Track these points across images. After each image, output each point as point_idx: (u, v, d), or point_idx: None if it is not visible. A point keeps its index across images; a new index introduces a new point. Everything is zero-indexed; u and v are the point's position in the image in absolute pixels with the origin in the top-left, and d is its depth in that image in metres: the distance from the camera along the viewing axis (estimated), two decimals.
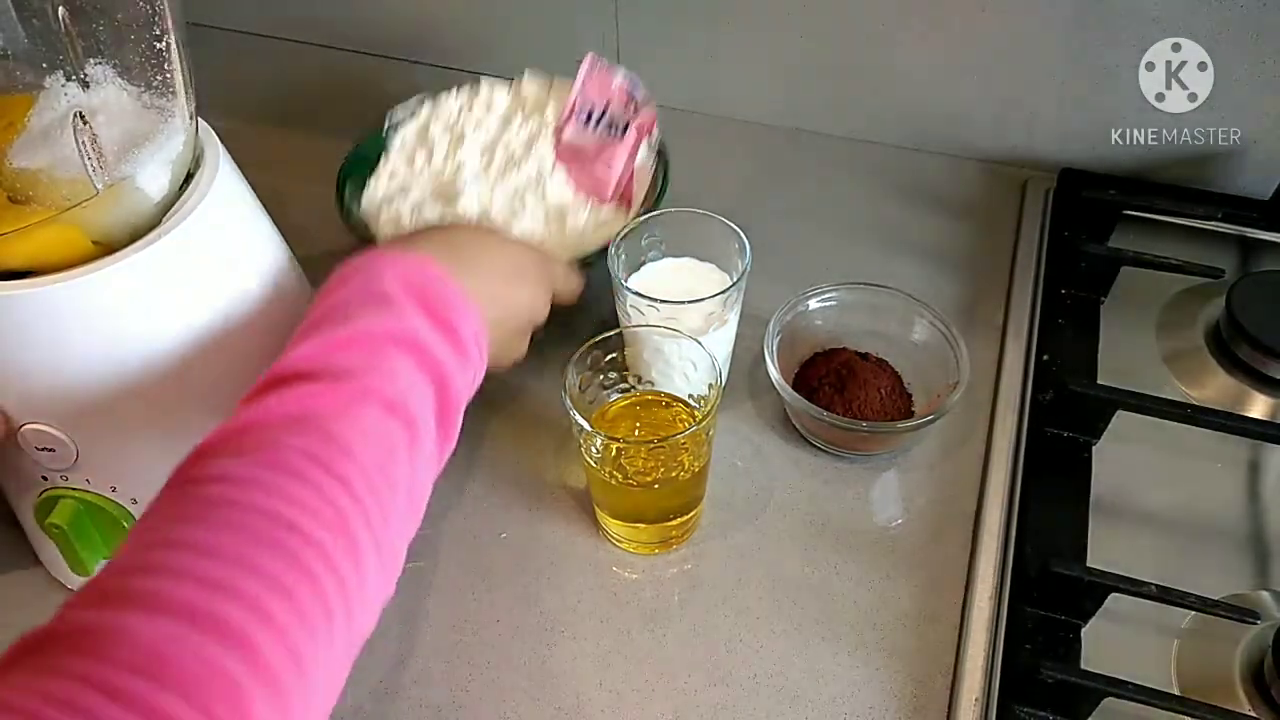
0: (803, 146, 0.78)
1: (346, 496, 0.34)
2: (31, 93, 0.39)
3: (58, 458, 0.44)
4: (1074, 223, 0.67)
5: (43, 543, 0.50)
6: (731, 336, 0.58)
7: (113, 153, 0.40)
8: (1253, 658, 0.47)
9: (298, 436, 0.34)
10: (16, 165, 0.39)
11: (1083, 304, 0.63)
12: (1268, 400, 0.58)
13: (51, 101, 0.39)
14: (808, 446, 0.57)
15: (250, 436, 0.34)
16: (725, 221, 0.55)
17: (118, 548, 0.32)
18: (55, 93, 0.39)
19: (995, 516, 0.53)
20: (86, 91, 0.40)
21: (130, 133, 0.41)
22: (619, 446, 0.50)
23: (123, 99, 0.41)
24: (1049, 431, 0.56)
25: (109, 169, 0.40)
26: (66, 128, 0.39)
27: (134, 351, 0.42)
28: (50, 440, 0.43)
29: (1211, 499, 0.54)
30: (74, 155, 0.39)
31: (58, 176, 0.40)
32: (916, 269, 0.67)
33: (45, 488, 0.46)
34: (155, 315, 0.42)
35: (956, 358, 0.55)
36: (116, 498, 0.46)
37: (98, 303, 0.41)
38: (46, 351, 0.41)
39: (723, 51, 0.77)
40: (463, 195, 0.60)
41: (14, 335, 0.40)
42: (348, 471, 0.34)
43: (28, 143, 0.39)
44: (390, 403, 0.37)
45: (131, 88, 0.41)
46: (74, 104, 0.39)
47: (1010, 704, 0.45)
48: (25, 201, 0.39)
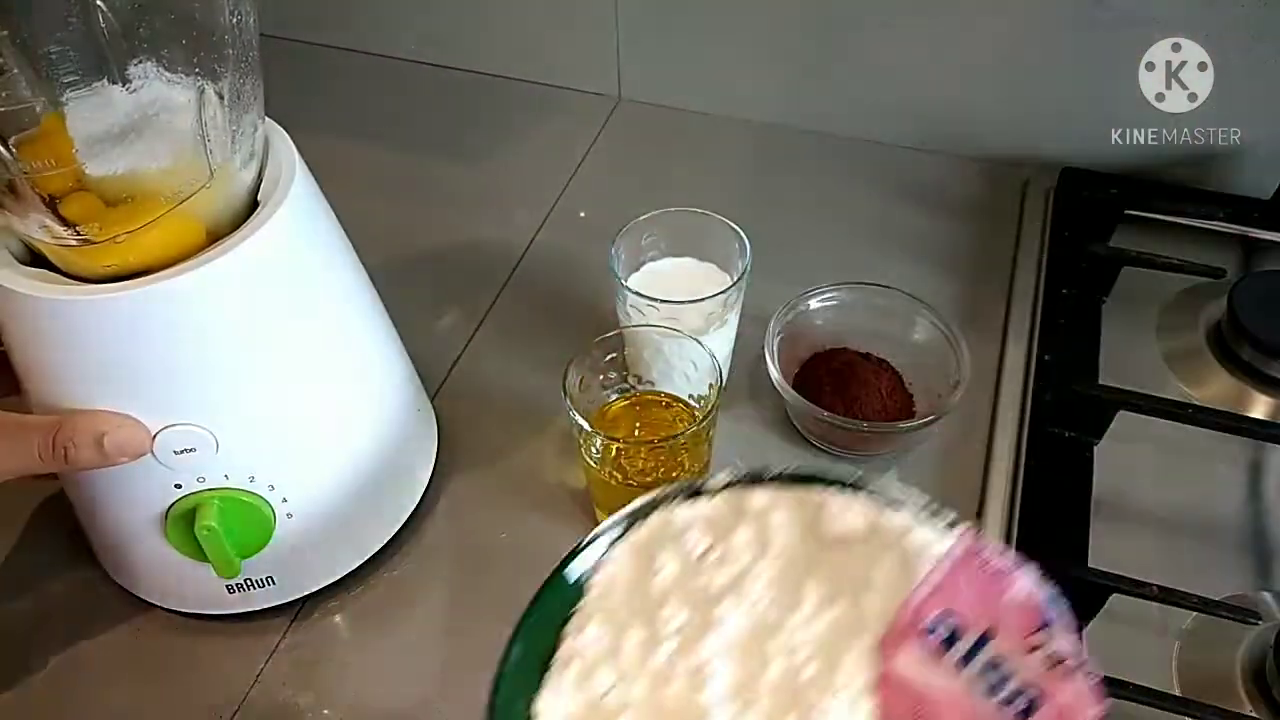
0: (803, 146, 0.77)
1: None
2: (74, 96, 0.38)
3: (197, 457, 0.43)
4: (1075, 222, 0.67)
5: (147, 561, 0.48)
6: (731, 336, 0.58)
7: (216, 140, 0.40)
8: (1254, 658, 0.47)
9: None
10: (100, 172, 0.38)
11: (1084, 304, 0.63)
12: (1269, 400, 0.58)
13: (121, 101, 0.38)
14: (808, 446, 0.57)
15: None
16: (725, 221, 0.55)
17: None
18: (119, 92, 0.38)
19: (996, 517, 0.53)
20: (169, 85, 0.39)
21: (219, 120, 0.41)
22: (619, 446, 0.50)
23: (208, 90, 0.40)
24: (1050, 431, 0.56)
25: (218, 155, 0.40)
26: (152, 124, 0.38)
27: (259, 334, 0.43)
28: (192, 439, 0.43)
29: (1213, 499, 0.54)
30: (169, 149, 0.39)
31: (164, 170, 0.39)
32: (916, 269, 0.66)
33: (177, 497, 0.45)
34: (272, 296, 0.43)
35: (957, 358, 0.55)
36: (254, 487, 0.46)
37: (226, 288, 0.41)
38: (188, 346, 0.41)
39: (723, 51, 0.77)
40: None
41: (158, 334, 0.40)
42: None
43: (106, 147, 0.38)
44: None
45: (217, 78, 0.41)
46: (157, 98, 0.38)
47: None
48: (125, 201, 0.39)
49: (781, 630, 0.37)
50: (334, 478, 0.48)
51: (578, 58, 0.81)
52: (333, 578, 0.51)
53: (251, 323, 0.42)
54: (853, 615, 0.37)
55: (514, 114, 0.82)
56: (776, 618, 0.37)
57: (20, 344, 0.42)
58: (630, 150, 0.79)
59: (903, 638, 0.37)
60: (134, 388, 0.41)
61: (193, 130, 0.39)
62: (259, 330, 0.43)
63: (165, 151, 0.39)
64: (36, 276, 0.40)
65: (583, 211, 0.73)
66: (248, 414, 0.44)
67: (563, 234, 0.72)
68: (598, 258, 0.55)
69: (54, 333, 0.40)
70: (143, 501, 0.45)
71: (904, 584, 0.38)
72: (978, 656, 0.36)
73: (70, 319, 0.39)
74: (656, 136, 0.79)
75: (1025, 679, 0.35)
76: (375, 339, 0.51)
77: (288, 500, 0.46)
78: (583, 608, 0.38)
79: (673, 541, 0.39)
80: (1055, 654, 0.35)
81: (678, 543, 0.39)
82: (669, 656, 0.37)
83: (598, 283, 0.55)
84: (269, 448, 0.45)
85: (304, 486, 0.47)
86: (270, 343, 0.43)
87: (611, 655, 0.37)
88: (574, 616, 0.38)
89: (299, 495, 0.47)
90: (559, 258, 0.70)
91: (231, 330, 0.42)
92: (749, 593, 0.38)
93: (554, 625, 0.38)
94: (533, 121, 0.81)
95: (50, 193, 0.38)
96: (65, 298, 0.39)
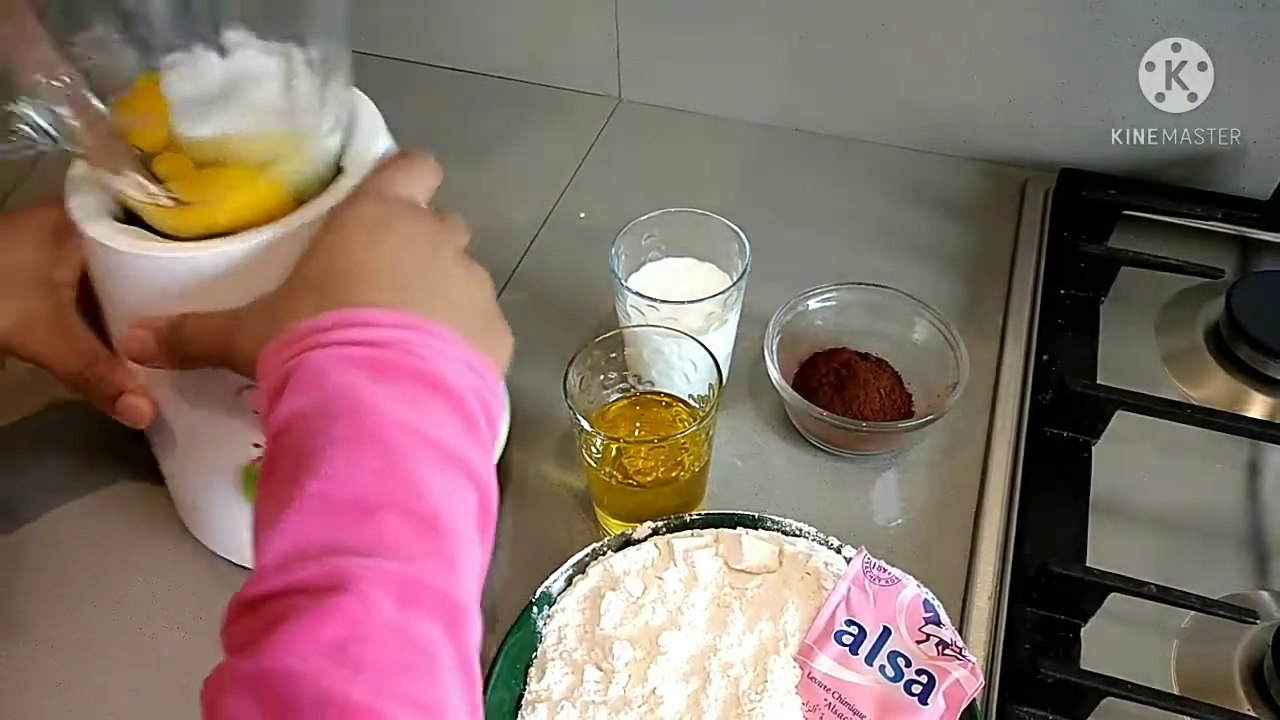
0: (802, 146, 0.77)
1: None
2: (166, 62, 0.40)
3: None
4: (1074, 223, 0.67)
5: (222, 512, 0.50)
6: (731, 336, 0.58)
7: (303, 107, 0.41)
8: (1252, 658, 0.47)
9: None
10: (194, 134, 0.39)
11: (1082, 304, 0.63)
12: (1267, 400, 0.58)
13: (215, 66, 0.39)
14: (808, 446, 0.58)
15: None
16: (725, 221, 0.55)
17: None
18: (213, 57, 0.39)
19: (995, 516, 0.53)
20: (261, 52, 0.40)
21: (307, 87, 0.41)
22: (619, 446, 0.50)
23: (296, 57, 0.41)
24: (1049, 431, 0.56)
25: (305, 122, 0.41)
26: (243, 90, 0.39)
27: None
28: None
29: (1211, 499, 0.54)
30: (257, 114, 0.40)
31: (253, 134, 0.40)
32: (916, 269, 0.67)
33: (255, 455, 0.46)
34: None
35: (956, 358, 0.55)
36: None
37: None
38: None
39: (722, 51, 0.77)
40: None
41: (241, 293, 0.40)
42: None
43: (197, 110, 0.39)
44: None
45: (305, 46, 0.41)
46: (249, 65, 0.40)
47: (1010, 704, 0.45)
48: (214, 164, 0.40)
49: (718, 651, 0.43)
50: None
51: (578, 58, 0.81)
52: None
53: None
54: (775, 631, 0.43)
55: (514, 114, 0.82)
56: (712, 641, 0.43)
57: (109, 295, 0.43)
58: (630, 150, 0.79)
59: (818, 644, 0.44)
60: None
61: (281, 97, 0.40)
62: None
63: (254, 117, 0.40)
64: (129, 233, 0.41)
65: (583, 211, 0.73)
66: None
67: (563, 234, 0.72)
68: (598, 258, 0.55)
69: (142, 286, 0.41)
70: (222, 457, 0.46)
71: (813, 600, 0.45)
72: (881, 651, 0.43)
73: (157, 274, 0.40)
74: (656, 136, 0.80)
75: (920, 665, 0.42)
76: None
77: None
78: (541, 654, 0.44)
79: (613, 588, 0.46)
80: (941, 642, 0.43)
81: (618, 588, 0.46)
82: (624, 688, 0.43)
83: (598, 283, 0.56)
84: None
85: None
86: None
87: (573, 692, 0.43)
88: (534, 662, 0.44)
89: None
90: (559, 258, 0.70)
91: None
92: (686, 623, 0.44)
93: (522, 669, 0.44)
94: (533, 121, 0.81)
95: (144, 151, 0.40)
96: (153, 254, 0.40)
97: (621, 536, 0.48)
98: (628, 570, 0.47)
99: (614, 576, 0.46)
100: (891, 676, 0.42)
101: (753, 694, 0.42)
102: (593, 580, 0.47)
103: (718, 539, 0.48)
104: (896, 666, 0.43)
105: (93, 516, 0.55)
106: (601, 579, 0.47)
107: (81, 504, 0.56)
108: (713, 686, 0.42)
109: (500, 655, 0.44)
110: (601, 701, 0.42)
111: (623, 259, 0.55)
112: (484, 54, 0.84)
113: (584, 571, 0.47)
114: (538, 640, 0.45)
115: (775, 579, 0.46)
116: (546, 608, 0.46)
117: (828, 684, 0.42)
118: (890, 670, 0.43)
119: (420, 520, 0.31)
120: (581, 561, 0.47)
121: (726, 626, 0.44)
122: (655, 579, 0.46)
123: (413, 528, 0.31)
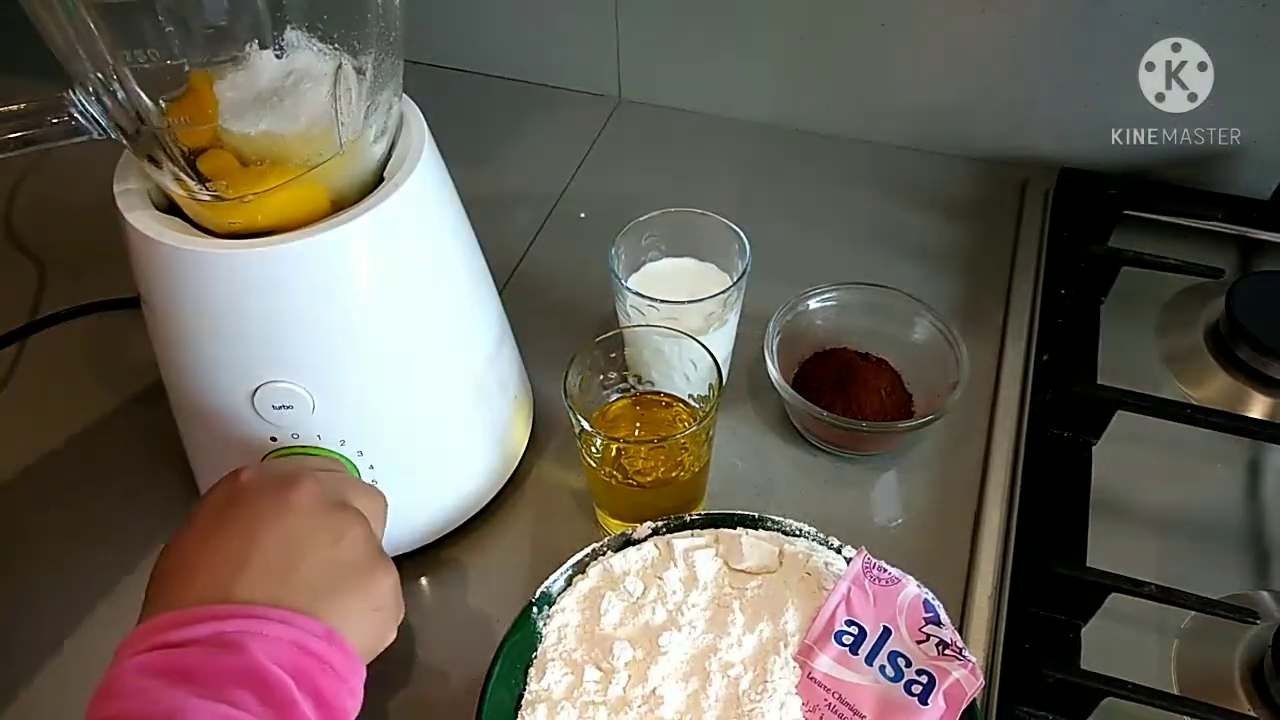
0: (802, 146, 0.78)
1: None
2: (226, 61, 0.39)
3: (293, 415, 0.45)
4: (1074, 223, 0.67)
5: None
6: (731, 336, 0.58)
7: (349, 113, 0.41)
8: (1252, 658, 0.47)
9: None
10: (238, 132, 0.39)
11: (1082, 304, 0.63)
12: (1267, 400, 0.58)
13: (266, 66, 0.39)
14: (808, 446, 0.58)
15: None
16: (725, 221, 0.55)
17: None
18: (265, 58, 0.39)
19: (995, 516, 0.53)
20: (313, 56, 0.40)
21: (355, 94, 0.42)
22: (619, 446, 0.50)
23: (345, 64, 0.41)
24: (1049, 431, 0.56)
25: (350, 129, 0.41)
26: (292, 92, 0.39)
27: (368, 303, 0.43)
28: (291, 397, 0.44)
29: (1211, 499, 0.54)
30: (304, 117, 0.40)
31: (299, 137, 0.40)
32: (916, 269, 0.67)
33: (272, 449, 0.46)
34: (387, 270, 0.44)
35: (956, 358, 0.55)
36: (344, 450, 0.46)
37: (341, 255, 0.42)
38: (298, 307, 0.42)
39: (722, 51, 0.77)
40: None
41: (271, 293, 0.41)
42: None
43: (243, 107, 0.39)
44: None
45: (357, 53, 0.41)
46: (300, 67, 0.39)
47: (1010, 704, 0.45)
48: (258, 163, 0.40)
49: (718, 651, 0.43)
50: (422, 456, 0.49)
51: (578, 58, 0.81)
52: (397, 551, 0.51)
53: (362, 294, 0.43)
54: (775, 631, 0.43)
55: (514, 114, 0.82)
56: (712, 641, 0.43)
57: (146, 283, 0.44)
58: (630, 150, 0.79)
59: (818, 644, 0.43)
60: (242, 340, 0.43)
61: (328, 102, 0.40)
62: (368, 302, 0.44)
63: (301, 120, 0.40)
64: (169, 225, 0.41)
65: (583, 212, 0.73)
66: (346, 381, 0.45)
67: (563, 234, 0.72)
68: (598, 258, 0.55)
69: (177, 278, 0.42)
70: (240, 449, 0.47)
71: (813, 600, 0.44)
72: (881, 651, 0.43)
73: (192, 268, 0.41)
74: (656, 136, 0.80)
75: (920, 665, 0.41)
76: (483, 327, 0.51)
77: (374, 468, 0.47)
78: (541, 654, 0.44)
79: (613, 588, 0.46)
80: (942, 642, 0.43)
81: (618, 588, 0.46)
82: (624, 688, 0.42)
83: (598, 283, 0.56)
84: (363, 416, 0.46)
85: (391, 458, 0.48)
86: (378, 316, 0.44)
87: (573, 692, 0.43)
88: (534, 663, 0.44)
89: (386, 465, 0.48)
90: (559, 258, 0.70)
91: (341, 299, 0.43)
92: (686, 623, 0.44)
93: (522, 669, 0.44)
94: (533, 121, 0.82)
95: (189, 147, 0.40)
96: (190, 247, 0.40)
97: (621, 536, 0.48)
98: (628, 570, 0.47)
99: (614, 576, 0.47)
100: (891, 676, 0.42)
101: (753, 694, 0.42)
102: (592, 580, 0.47)
103: (718, 539, 0.48)
104: (896, 666, 0.43)
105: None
106: (601, 579, 0.47)
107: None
108: (712, 687, 0.42)
109: (500, 655, 0.44)
110: (601, 701, 0.42)
111: (623, 259, 0.55)
112: (484, 54, 0.84)
113: (584, 571, 0.47)
114: (537, 640, 0.45)
115: (775, 579, 0.46)
116: (546, 607, 0.46)
117: (828, 684, 0.42)
118: (890, 670, 0.42)
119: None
120: (581, 561, 0.47)
121: (726, 626, 0.44)
122: (655, 579, 0.46)
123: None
